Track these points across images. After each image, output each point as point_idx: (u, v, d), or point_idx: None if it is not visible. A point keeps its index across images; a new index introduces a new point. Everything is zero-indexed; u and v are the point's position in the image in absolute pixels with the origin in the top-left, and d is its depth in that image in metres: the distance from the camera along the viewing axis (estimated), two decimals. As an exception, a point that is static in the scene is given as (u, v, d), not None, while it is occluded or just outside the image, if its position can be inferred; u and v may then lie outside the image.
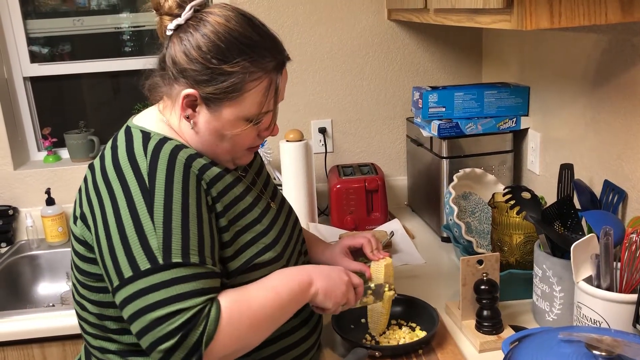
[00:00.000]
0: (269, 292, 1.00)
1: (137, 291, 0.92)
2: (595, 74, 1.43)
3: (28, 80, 2.18)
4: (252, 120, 1.04)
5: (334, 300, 1.09)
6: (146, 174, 0.97)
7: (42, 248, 2.07)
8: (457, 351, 1.21)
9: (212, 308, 0.92)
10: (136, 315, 0.91)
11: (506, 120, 1.79)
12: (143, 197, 0.95)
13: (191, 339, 0.89)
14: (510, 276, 1.37)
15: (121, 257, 0.94)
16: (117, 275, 0.94)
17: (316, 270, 1.09)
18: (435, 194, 1.86)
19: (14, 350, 1.63)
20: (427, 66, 2.14)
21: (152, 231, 0.93)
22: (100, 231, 0.97)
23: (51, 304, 2.00)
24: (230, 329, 0.93)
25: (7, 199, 2.12)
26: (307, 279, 1.06)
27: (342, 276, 1.11)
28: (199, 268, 0.94)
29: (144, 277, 0.92)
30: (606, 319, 1.08)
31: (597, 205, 1.37)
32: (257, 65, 1.01)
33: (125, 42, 2.24)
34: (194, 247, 0.95)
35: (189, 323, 0.89)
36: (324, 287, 1.07)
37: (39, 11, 2.17)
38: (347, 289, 1.11)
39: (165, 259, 0.92)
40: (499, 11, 1.14)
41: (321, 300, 1.07)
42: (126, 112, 1.17)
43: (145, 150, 1.00)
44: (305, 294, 1.05)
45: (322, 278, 1.08)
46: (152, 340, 0.90)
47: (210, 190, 1.02)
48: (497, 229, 1.45)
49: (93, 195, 1.00)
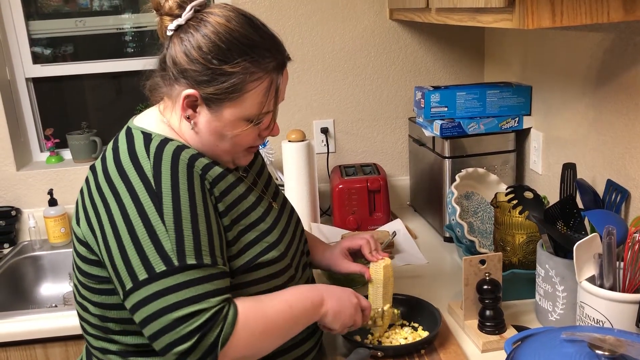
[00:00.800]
0: (283, 304, 1.02)
1: (153, 293, 0.92)
2: (598, 73, 1.43)
3: (30, 81, 2.19)
4: (252, 121, 1.04)
5: (342, 321, 1.11)
6: (151, 176, 0.97)
7: (45, 249, 2.07)
8: (460, 351, 1.21)
9: (229, 310, 0.94)
10: (152, 318, 0.91)
11: (508, 119, 1.79)
12: (151, 199, 0.95)
13: (207, 341, 0.90)
14: (513, 276, 1.37)
15: (134, 259, 0.94)
16: (130, 277, 0.94)
17: (328, 290, 1.11)
18: (437, 193, 1.85)
19: (17, 351, 1.63)
20: (429, 66, 2.14)
21: (165, 233, 0.94)
22: (109, 234, 0.97)
23: (54, 304, 2.00)
24: (245, 334, 0.94)
25: (10, 199, 2.12)
26: (319, 298, 1.08)
27: (352, 299, 1.13)
28: (212, 269, 0.95)
29: (159, 279, 0.92)
30: (609, 319, 1.08)
31: (599, 204, 1.36)
32: (257, 65, 1.01)
33: (128, 43, 2.24)
34: (205, 247, 0.96)
35: (207, 324, 0.91)
36: (334, 308, 1.09)
37: (42, 12, 2.17)
38: (355, 312, 1.13)
39: (180, 260, 0.93)
40: (501, 10, 1.13)
41: (330, 320, 1.09)
42: (128, 112, 1.17)
43: (147, 152, 1.00)
44: (316, 313, 1.07)
45: (333, 299, 1.10)
46: (170, 341, 0.90)
47: (213, 190, 1.02)
48: (499, 228, 1.45)
49: (97, 197, 1.00)
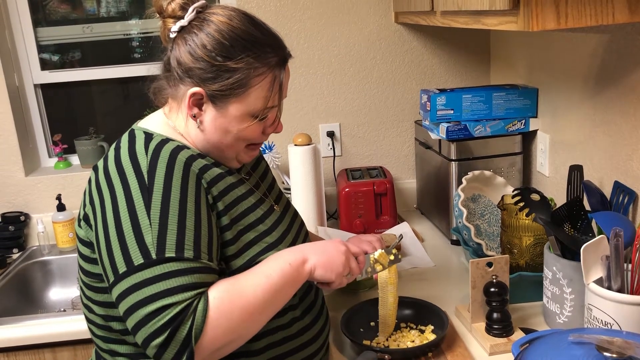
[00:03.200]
0: (260, 277, 0.99)
1: (130, 286, 0.92)
2: (604, 75, 1.42)
3: (39, 87, 2.20)
4: (257, 116, 1.06)
5: (336, 271, 1.08)
6: (146, 172, 0.98)
7: (53, 254, 2.08)
8: (467, 354, 1.21)
9: (199, 303, 0.91)
10: (129, 311, 0.92)
11: (515, 122, 1.79)
12: (142, 194, 0.96)
13: (180, 334, 0.89)
14: (520, 278, 1.37)
15: (117, 253, 0.94)
16: (112, 271, 0.95)
17: (310, 246, 1.08)
18: (444, 196, 1.85)
19: (26, 355, 1.64)
20: (435, 69, 2.14)
21: (148, 227, 0.94)
22: (99, 228, 0.98)
23: (62, 309, 2.01)
24: (221, 321, 0.92)
25: (19, 205, 2.14)
26: (299, 256, 1.05)
27: (339, 247, 1.10)
28: (193, 263, 0.94)
29: (136, 272, 0.92)
30: (617, 321, 1.07)
31: (607, 206, 1.36)
32: (260, 60, 1.03)
33: (135, 49, 2.25)
34: (190, 242, 0.95)
35: (177, 318, 0.89)
36: (321, 261, 1.06)
37: (49, 19, 2.19)
38: (346, 258, 1.10)
39: (159, 253, 0.92)
40: (505, 12, 1.14)
41: (321, 274, 1.06)
42: (135, 117, 1.18)
43: (146, 150, 1.01)
44: (300, 273, 1.04)
45: (317, 253, 1.07)
46: (145, 335, 0.90)
47: (210, 190, 1.03)
48: (506, 231, 1.44)
49: (95, 194, 1.01)
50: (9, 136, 2.08)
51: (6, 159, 2.10)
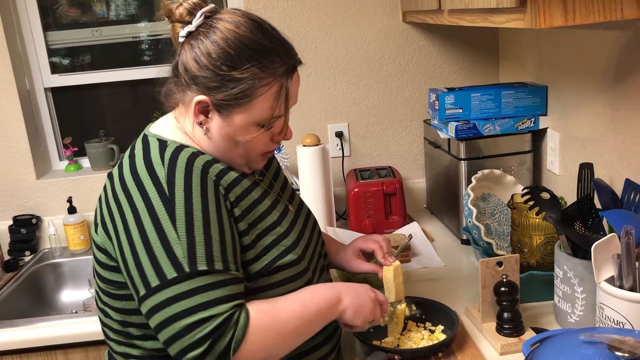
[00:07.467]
0: (297, 305, 1.02)
1: (165, 300, 0.93)
2: (614, 71, 1.41)
3: (49, 90, 2.22)
4: (264, 125, 1.05)
5: (363, 317, 1.10)
6: (165, 182, 0.98)
7: (65, 256, 2.10)
8: (478, 354, 1.20)
9: (240, 315, 0.94)
10: (165, 324, 0.92)
11: (524, 120, 1.78)
12: (164, 206, 0.96)
13: (220, 346, 0.91)
14: (531, 278, 1.36)
15: (147, 266, 0.95)
16: (143, 284, 0.95)
17: (344, 287, 1.10)
18: (454, 196, 1.84)
19: (38, 357, 1.65)
20: (443, 67, 2.14)
21: (177, 239, 0.95)
22: (123, 240, 0.98)
23: (74, 310, 2.03)
24: (258, 337, 0.94)
25: (31, 207, 2.16)
26: (335, 295, 1.07)
27: (370, 293, 1.13)
28: (224, 275, 0.95)
29: (171, 285, 0.93)
30: (629, 320, 1.06)
31: (618, 204, 1.34)
32: (266, 71, 1.01)
33: (144, 51, 2.27)
34: (217, 253, 0.96)
35: (218, 330, 0.91)
36: (353, 304, 1.08)
37: (59, 23, 2.21)
38: (374, 306, 1.12)
39: (191, 266, 0.93)
40: (513, 10, 1.13)
41: (350, 317, 1.08)
42: (145, 120, 1.19)
43: (162, 159, 1.01)
44: (333, 311, 1.06)
45: (352, 296, 1.09)
46: (181, 347, 0.91)
47: (228, 195, 1.03)
48: (516, 230, 1.44)
49: (113, 204, 1.02)
50: (20, 140, 2.10)
51: (18, 163, 2.12)
